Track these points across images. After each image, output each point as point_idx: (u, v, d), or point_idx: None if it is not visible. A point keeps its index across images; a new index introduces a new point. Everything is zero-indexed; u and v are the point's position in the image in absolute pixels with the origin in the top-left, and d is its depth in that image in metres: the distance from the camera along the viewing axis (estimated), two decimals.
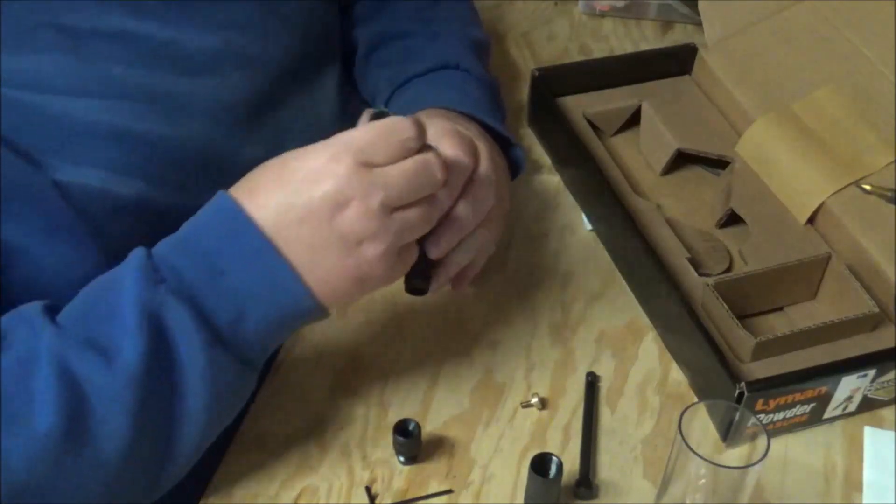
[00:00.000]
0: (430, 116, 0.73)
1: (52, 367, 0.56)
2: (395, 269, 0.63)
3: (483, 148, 0.70)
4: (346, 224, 0.59)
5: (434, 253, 0.67)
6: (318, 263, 0.60)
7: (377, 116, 0.62)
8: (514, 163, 0.81)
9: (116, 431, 0.57)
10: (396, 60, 0.87)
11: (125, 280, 0.59)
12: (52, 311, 0.59)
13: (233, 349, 0.60)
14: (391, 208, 0.59)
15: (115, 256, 0.63)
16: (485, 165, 0.69)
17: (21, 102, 0.62)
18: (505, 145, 0.80)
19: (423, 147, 0.61)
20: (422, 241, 0.66)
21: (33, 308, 0.59)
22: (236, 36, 0.72)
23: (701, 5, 0.95)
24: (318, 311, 0.62)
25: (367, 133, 0.59)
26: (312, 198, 0.58)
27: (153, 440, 0.59)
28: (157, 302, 0.58)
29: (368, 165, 0.59)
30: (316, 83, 0.81)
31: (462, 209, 0.66)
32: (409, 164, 0.60)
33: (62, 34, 0.63)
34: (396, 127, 0.59)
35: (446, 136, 0.66)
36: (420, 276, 0.68)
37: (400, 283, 0.81)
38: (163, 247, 0.61)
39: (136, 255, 0.60)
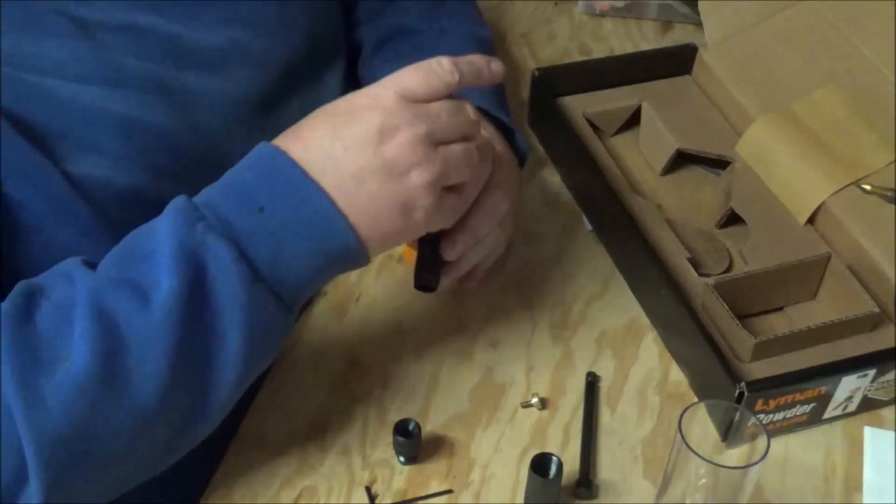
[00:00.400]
0: None
1: (89, 309, 0.56)
2: (438, 208, 0.62)
3: (499, 151, 0.71)
4: (393, 151, 0.59)
5: (450, 255, 0.68)
6: (363, 191, 0.59)
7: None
8: (519, 154, 0.83)
9: (153, 372, 0.56)
10: (405, 56, 0.86)
11: (162, 220, 0.58)
12: (89, 264, 0.59)
13: (272, 287, 0.59)
14: (435, 141, 0.60)
15: (119, 240, 0.63)
16: (502, 170, 0.70)
17: (32, 84, 0.63)
18: (509, 136, 0.82)
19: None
20: (436, 241, 0.67)
21: (70, 261, 0.59)
22: (242, 34, 0.73)
23: (701, 5, 0.95)
24: (358, 251, 0.61)
25: (409, 70, 0.61)
26: (360, 127, 0.59)
27: (190, 381, 0.58)
28: (195, 239, 0.57)
29: (412, 99, 0.60)
30: (320, 82, 0.82)
31: (478, 216, 0.68)
32: (450, 102, 0.62)
33: (74, 23, 0.64)
34: (438, 68, 0.61)
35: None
36: (429, 272, 0.68)
37: (401, 284, 0.81)
38: (204, 191, 0.60)
39: (176, 199, 0.59)
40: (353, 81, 0.90)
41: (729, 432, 0.65)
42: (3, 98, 0.61)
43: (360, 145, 0.59)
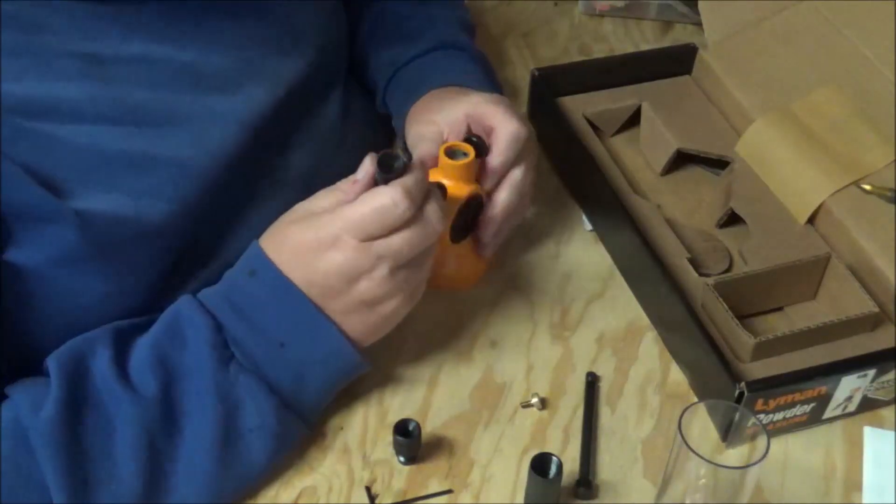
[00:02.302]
0: (462, 94, 0.79)
1: (135, 437, 0.61)
2: (412, 303, 0.69)
3: (516, 120, 0.75)
4: (362, 293, 0.65)
5: (486, 236, 0.77)
6: (350, 322, 0.66)
7: (384, 160, 0.64)
8: None
9: (191, 495, 0.63)
10: (396, 42, 0.89)
11: (198, 354, 0.64)
12: (121, 363, 0.63)
13: (297, 410, 0.66)
14: (399, 268, 0.65)
15: (134, 279, 0.67)
16: (532, 140, 0.75)
17: (47, 134, 0.62)
18: None
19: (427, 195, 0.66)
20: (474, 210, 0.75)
21: (105, 363, 0.62)
22: (254, 54, 0.73)
23: (701, 5, 0.95)
24: (362, 366, 0.68)
25: (363, 211, 0.63)
26: (328, 275, 0.64)
27: (221, 496, 0.65)
28: (229, 380, 0.63)
29: (371, 238, 0.64)
30: (324, 96, 0.82)
31: (506, 191, 0.75)
32: (407, 233, 0.64)
33: (85, 62, 0.63)
34: (389, 203, 0.63)
35: (497, 105, 0.74)
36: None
37: None
38: (226, 314, 0.65)
39: (205, 322, 0.64)
40: (351, 92, 0.90)
41: (729, 432, 0.65)
42: (19, 150, 0.60)
43: (333, 293, 0.65)
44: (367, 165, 0.64)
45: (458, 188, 0.72)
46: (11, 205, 0.60)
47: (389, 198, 0.63)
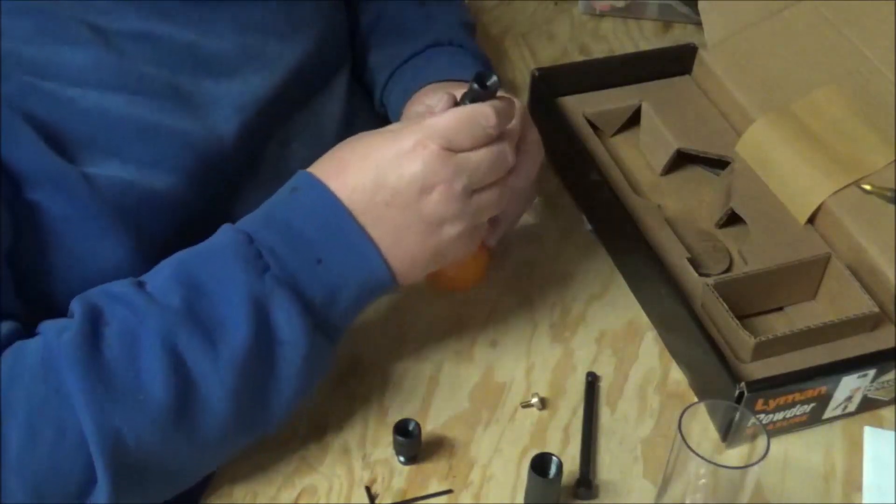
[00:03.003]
0: (444, 89, 0.77)
1: (160, 347, 0.59)
2: (469, 246, 0.67)
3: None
4: (431, 207, 0.63)
5: (491, 219, 0.72)
6: (401, 242, 0.64)
7: (479, 76, 0.64)
8: None
9: (217, 412, 0.60)
10: (393, 41, 0.89)
11: (228, 263, 0.61)
12: (143, 286, 0.62)
13: (326, 331, 0.64)
14: (471, 191, 0.64)
15: (146, 246, 0.66)
16: (530, 131, 0.72)
17: (55, 94, 0.63)
18: None
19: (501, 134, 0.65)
20: None
21: (125, 287, 0.62)
22: (254, 39, 0.74)
23: (701, 5, 0.95)
24: (394, 287, 0.66)
25: (451, 119, 0.63)
26: (401, 181, 0.62)
27: (248, 418, 0.63)
28: (264, 292, 0.61)
29: (452, 150, 0.63)
30: (327, 85, 0.83)
31: (517, 176, 0.70)
32: (488, 151, 0.64)
33: (92, 31, 0.65)
34: (479, 115, 0.63)
35: (507, 99, 0.69)
36: None
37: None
38: (260, 229, 0.63)
39: (235, 236, 0.62)
40: (356, 82, 0.91)
41: (729, 432, 0.65)
42: (28, 106, 0.62)
43: (401, 201, 0.63)
44: (446, 99, 0.65)
45: None
46: (22, 163, 0.61)
47: (479, 110, 0.63)
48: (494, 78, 0.64)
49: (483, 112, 0.63)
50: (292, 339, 0.61)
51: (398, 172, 0.62)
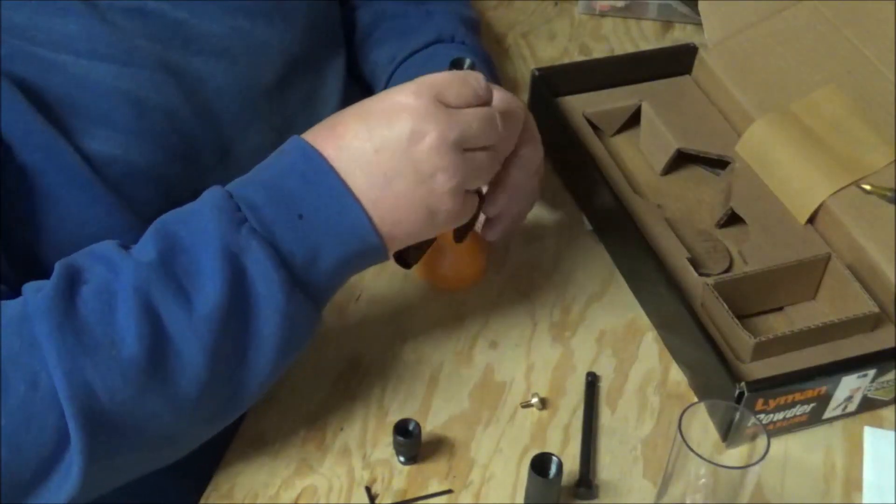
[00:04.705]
0: None
1: (134, 301, 0.58)
2: (460, 210, 0.65)
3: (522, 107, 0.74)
4: (422, 154, 0.61)
5: (491, 211, 0.72)
6: (390, 191, 0.62)
7: (455, 62, 0.66)
8: None
9: (193, 367, 0.59)
10: (394, 39, 0.89)
11: (205, 217, 0.60)
12: (125, 246, 0.61)
13: (307, 290, 0.62)
14: (463, 147, 0.63)
15: (140, 217, 0.66)
16: (531, 121, 0.72)
17: (45, 59, 0.64)
18: None
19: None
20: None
21: (106, 246, 0.61)
22: (244, 22, 0.74)
23: (701, 5, 0.95)
24: (382, 251, 0.64)
25: (445, 76, 0.63)
26: (392, 127, 0.61)
27: (226, 377, 0.61)
28: (239, 244, 0.59)
29: (445, 104, 0.62)
30: (321, 73, 0.83)
31: (515, 170, 0.70)
32: (480, 110, 0.64)
33: (85, 2, 0.66)
34: (470, 76, 0.64)
35: (496, 89, 0.69)
36: (415, 247, 0.70)
37: (401, 284, 0.81)
38: (241, 186, 0.62)
39: (214, 193, 0.61)
40: (352, 73, 0.91)
41: (729, 432, 0.65)
42: (17, 70, 0.63)
43: (391, 147, 0.61)
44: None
45: None
46: (11, 128, 0.61)
47: (470, 73, 0.64)
48: (469, 61, 0.66)
49: (473, 75, 0.64)
50: (268, 293, 0.60)
51: (389, 119, 0.62)
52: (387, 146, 0.61)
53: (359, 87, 0.92)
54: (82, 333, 0.57)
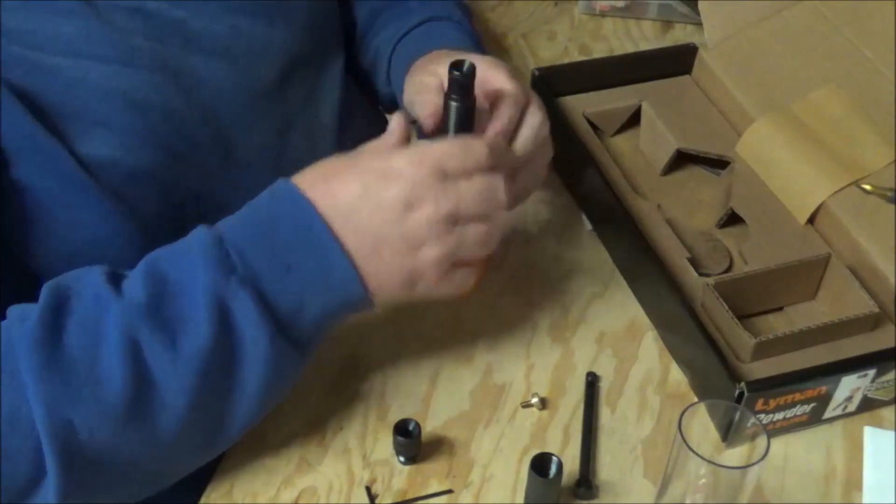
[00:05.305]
0: (447, 56, 0.75)
1: (120, 341, 0.58)
2: (444, 281, 0.65)
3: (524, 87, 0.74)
4: (413, 225, 0.62)
5: None
6: (377, 256, 0.62)
7: (455, 63, 0.66)
8: None
9: (175, 410, 0.59)
10: (393, 22, 0.90)
11: (196, 262, 0.60)
12: (115, 280, 0.61)
13: (292, 339, 0.62)
14: (456, 219, 0.62)
15: (138, 221, 0.66)
16: (536, 97, 0.73)
17: (41, 63, 0.64)
18: None
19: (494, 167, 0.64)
20: None
21: (96, 278, 0.61)
22: (244, 22, 0.74)
23: (701, 5, 0.95)
24: (366, 303, 0.64)
25: (448, 146, 0.63)
26: (388, 193, 0.61)
27: (207, 422, 0.62)
28: (228, 292, 0.59)
29: (444, 175, 0.62)
30: (321, 72, 0.83)
31: (522, 139, 0.71)
32: (480, 182, 0.63)
33: (83, 2, 0.65)
34: (473, 145, 0.63)
35: (499, 69, 0.70)
36: None
37: None
38: (232, 231, 0.62)
39: (205, 236, 0.61)
40: (351, 73, 0.91)
41: (729, 432, 0.65)
42: (14, 76, 0.62)
43: (383, 212, 0.61)
44: (434, 87, 0.68)
45: None
46: (6, 135, 0.61)
47: (474, 140, 0.64)
48: (468, 63, 0.65)
49: (477, 142, 0.63)
50: (254, 342, 0.60)
51: (386, 183, 0.62)
52: (379, 211, 0.61)
53: (358, 86, 0.92)
54: (67, 371, 0.57)
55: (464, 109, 0.68)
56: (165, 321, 0.59)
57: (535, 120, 0.72)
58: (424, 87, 0.74)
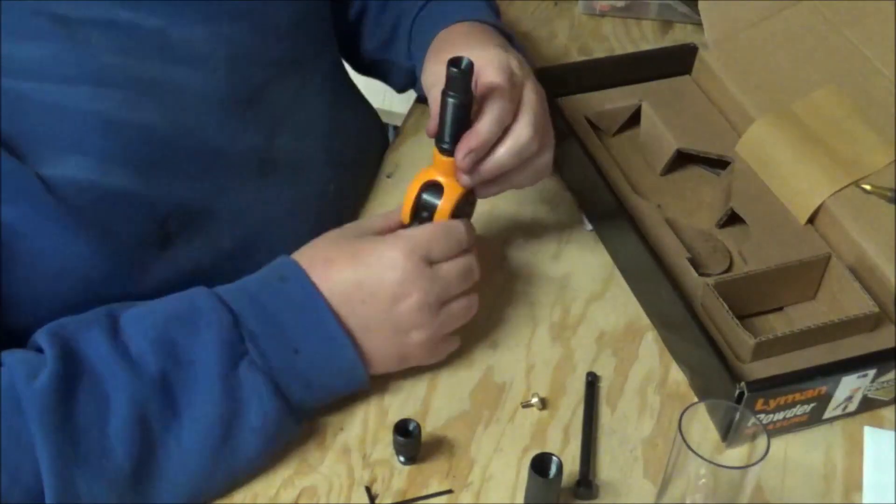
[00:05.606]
0: (485, 42, 0.77)
1: (129, 413, 0.60)
2: (433, 354, 0.72)
3: (529, 72, 0.76)
4: (403, 313, 0.68)
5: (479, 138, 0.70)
6: (369, 340, 0.68)
7: (454, 60, 0.67)
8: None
9: (177, 482, 0.62)
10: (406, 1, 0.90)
11: (208, 340, 0.63)
12: (120, 341, 0.62)
13: (294, 413, 0.66)
14: (442, 303, 0.69)
15: (114, 245, 0.65)
16: (530, 81, 0.74)
17: (10, 90, 0.62)
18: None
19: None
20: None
21: (102, 335, 0.62)
22: (225, 27, 0.72)
23: (701, 5, 0.95)
24: (366, 384, 0.70)
25: (431, 233, 0.69)
26: (381, 284, 0.67)
27: (206, 487, 0.65)
28: (239, 376, 0.63)
29: (429, 262, 0.68)
30: (308, 71, 0.81)
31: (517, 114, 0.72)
32: (460, 264, 0.70)
33: (56, 23, 0.64)
34: (454, 229, 0.70)
35: (491, 64, 0.71)
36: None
37: None
38: (247, 313, 0.65)
39: (221, 316, 0.64)
40: (340, 73, 0.90)
41: (729, 432, 0.65)
42: None
43: (376, 302, 0.67)
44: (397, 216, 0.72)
45: (452, 185, 0.71)
46: None
47: (454, 224, 0.70)
48: (467, 60, 0.67)
49: (457, 226, 0.70)
50: (260, 424, 0.64)
51: (379, 275, 0.67)
52: (372, 300, 0.67)
53: (349, 86, 0.92)
54: (77, 443, 0.59)
55: (460, 106, 0.68)
56: (175, 398, 0.62)
57: (528, 117, 0.72)
58: (438, 82, 0.73)
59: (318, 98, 0.82)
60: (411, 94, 0.99)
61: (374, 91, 1.01)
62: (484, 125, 0.69)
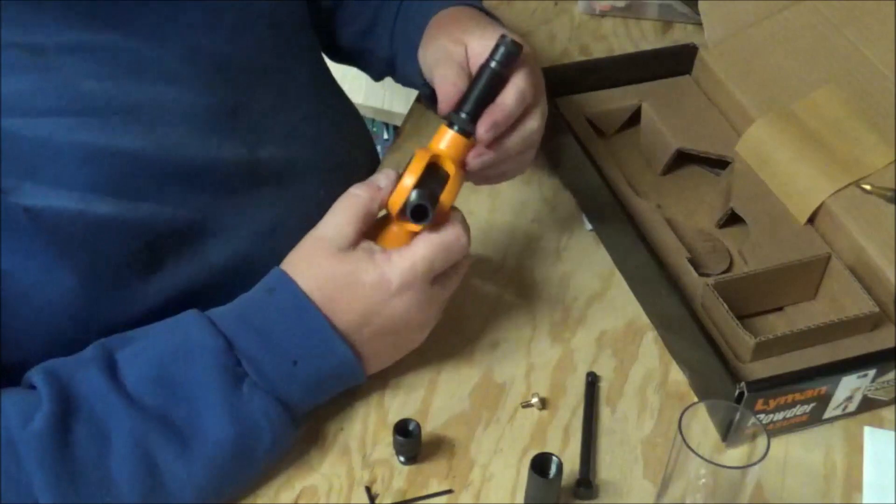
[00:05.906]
0: (487, 23, 0.77)
1: (129, 447, 0.60)
2: (425, 330, 0.72)
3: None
4: (411, 327, 0.70)
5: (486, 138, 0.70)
6: (362, 334, 0.68)
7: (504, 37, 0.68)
8: None
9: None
10: None
11: (206, 365, 0.63)
12: (116, 376, 0.62)
13: (296, 419, 0.67)
14: (443, 300, 0.71)
15: (100, 274, 0.65)
16: (537, 69, 0.74)
17: None
18: None
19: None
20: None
21: (98, 373, 0.61)
22: (202, 40, 0.71)
23: (701, 5, 0.95)
24: (362, 379, 0.70)
25: (431, 250, 0.67)
26: (393, 316, 0.67)
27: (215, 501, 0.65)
28: (242, 398, 0.63)
29: (434, 276, 0.68)
30: (290, 73, 0.80)
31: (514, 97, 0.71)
32: (462, 266, 0.71)
33: (29, 53, 0.62)
34: (452, 241, 0.68)
35: (525, 64, 0.70)
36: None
37: None
38: (239, 334, 0.64)
39: (214, 342, 0.64)
40: (323, 75, 0.90)
41: (729, 432, 0.65)
42: None
43: (391, 329, 0.68)
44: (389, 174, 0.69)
45: (457, 175, 0.69)
46: None
47: (451, 235, 0.68)
48: (520, 41, 0.68)
49: (455, 236, 0.68)
50: (272, 438, 0.64)
51: (389, 305, 0.67)
52: (388, 329, 0.68)
53: (334, 88, 0.91)
54: (78, 482, 0.58)
55: (498, 79, 0.69)
56: (179, 430, 0.62)
57: (532, 124, 0.72)
58: (447, 57, 0.73)
59: (301, 103, 0.81)
60: (411, 95, 0.99)
61: (374, 91, 1.00)
62: (508, 98, 0.69)
